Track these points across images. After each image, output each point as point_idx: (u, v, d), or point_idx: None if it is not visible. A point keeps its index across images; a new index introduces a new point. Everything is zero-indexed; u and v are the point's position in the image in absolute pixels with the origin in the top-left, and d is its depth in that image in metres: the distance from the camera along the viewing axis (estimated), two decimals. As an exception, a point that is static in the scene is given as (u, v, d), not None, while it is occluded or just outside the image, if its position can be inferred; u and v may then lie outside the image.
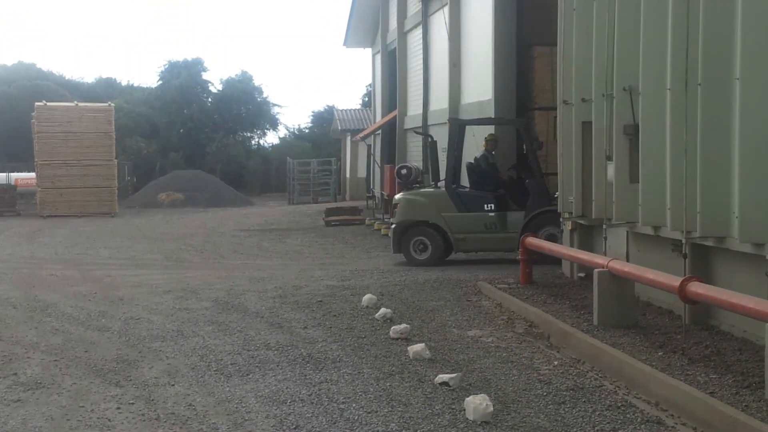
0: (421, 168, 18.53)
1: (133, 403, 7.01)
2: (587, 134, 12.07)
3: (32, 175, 35.98)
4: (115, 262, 17.52)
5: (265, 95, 59.28)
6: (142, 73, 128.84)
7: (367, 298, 11.54)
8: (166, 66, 57.44)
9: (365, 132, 37.89)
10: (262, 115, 59.16)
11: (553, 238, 14.63)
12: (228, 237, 22.85)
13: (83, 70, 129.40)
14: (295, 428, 6.27)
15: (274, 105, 60.17)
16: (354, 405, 6.81)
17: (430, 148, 16.72)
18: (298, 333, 9.72)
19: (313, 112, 63.58)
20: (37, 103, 34.19)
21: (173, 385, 7.56)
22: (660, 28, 9.67)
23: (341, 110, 50.02)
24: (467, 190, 16.12)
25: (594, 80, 11.58)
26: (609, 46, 11.04)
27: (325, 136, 56.26)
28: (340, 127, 47.11)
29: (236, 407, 6.84)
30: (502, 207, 15.73)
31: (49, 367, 8.31)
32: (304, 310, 11.21)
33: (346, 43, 37.25)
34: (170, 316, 10.99)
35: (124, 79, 62.77)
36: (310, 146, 56.90)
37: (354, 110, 50.42)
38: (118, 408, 6.89)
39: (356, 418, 6.49)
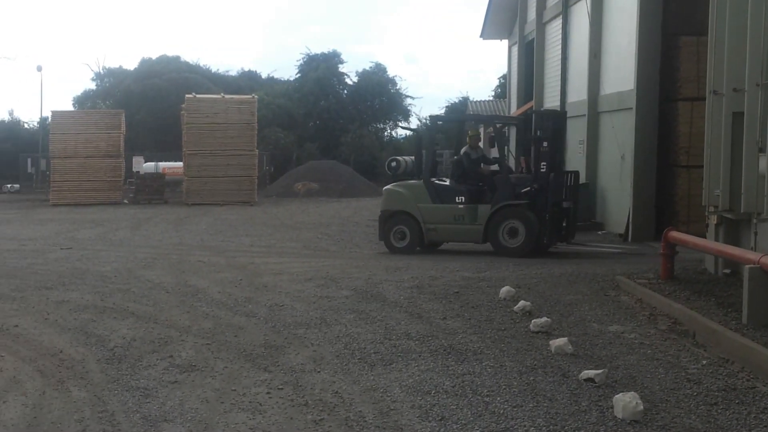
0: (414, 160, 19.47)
1: (281, 389, 7.20)
2: (737, 125, 11.69)
3: (178, 164, 37.42)
4: (257, 250, 17.99)
5: (398, 86, 59.68)
6: (279, 65, 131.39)
7: (505, 290, 11.50)
8: (305, 59, 58.56)
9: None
10: (395, 107, 59.50)
11: (515, 232, 15.50)
12: (362, 227, 23.09)
13: (224, 62, 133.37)
14: (440, 419, 6.29)
15: (407, 97, 60.48)
16: (498, 398, 6.78)
17: (416, 142, 17.43)
18: (438, 324, 9.78)
19: (447, 102, 63.46)
20: (187, 95, 35.32)
21: (319, 371, 7.74)
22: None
23: (475, 101, 49.80)
24: (445, 183, 16.94)
25: (747, 70, 11.17)
26: (765, 35, 10.65)
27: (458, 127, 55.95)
28: (474, 119, 46.94)
29: (381, 396, 6.92)
30: (473, 200, 16.34)
31: (202, 351, 8.64)
32: (441, 300, 11.26)
33: (483, 34, 37.11)
34: (312, 303, 11.25)
35: (264, 72, 64.40)
36: (443, 137, 56.86)
37: (488, 101, 50.13)
38: (268, 393, 7.09)
39: (502, 411, 6.45)
